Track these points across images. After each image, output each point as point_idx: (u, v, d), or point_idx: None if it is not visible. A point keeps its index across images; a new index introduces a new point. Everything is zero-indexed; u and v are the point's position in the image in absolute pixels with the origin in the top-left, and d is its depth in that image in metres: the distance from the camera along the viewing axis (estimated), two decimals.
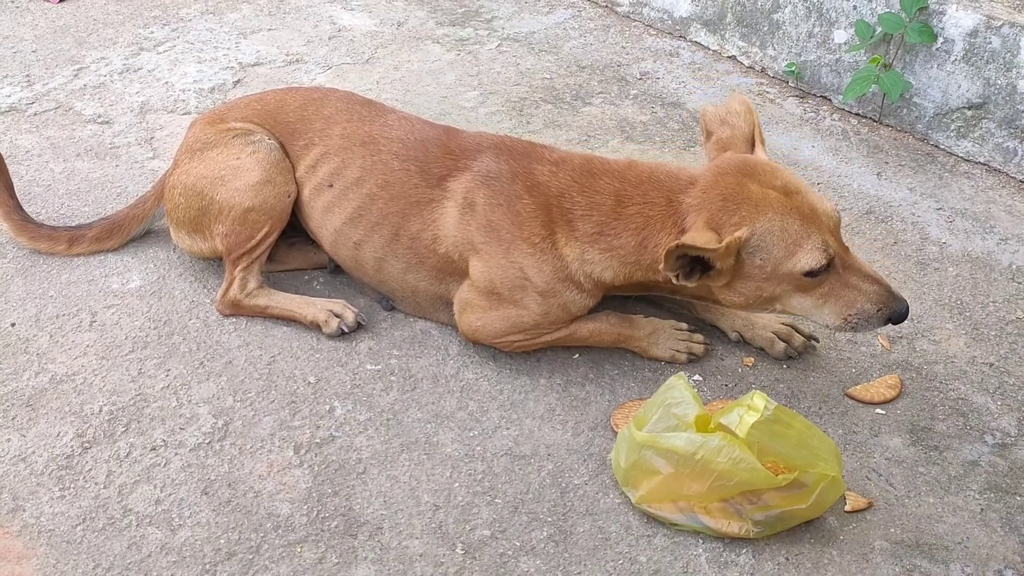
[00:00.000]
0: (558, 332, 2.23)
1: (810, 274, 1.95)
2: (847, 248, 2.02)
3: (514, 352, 2.27)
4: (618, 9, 4.07)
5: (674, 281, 1.95)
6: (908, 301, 2.02)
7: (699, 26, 3.78)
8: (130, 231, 2.55)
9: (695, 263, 1.93)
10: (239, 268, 2.34)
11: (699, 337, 2.30)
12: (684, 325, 2.31)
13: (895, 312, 1.99)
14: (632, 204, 2.06)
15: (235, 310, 2.37)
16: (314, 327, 2.33)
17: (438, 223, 2.22)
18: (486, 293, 2.18)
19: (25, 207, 2.71)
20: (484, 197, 2.17)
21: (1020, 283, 2.58)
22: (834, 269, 1.98)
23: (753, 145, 2.11)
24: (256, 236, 2.33)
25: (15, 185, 2.57)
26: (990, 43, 2.93)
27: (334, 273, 2.52)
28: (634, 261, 2.07)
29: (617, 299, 2.36)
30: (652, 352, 2.28)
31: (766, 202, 1.93)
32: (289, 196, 2.36)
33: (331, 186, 2.33)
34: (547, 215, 2.12)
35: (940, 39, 3.03)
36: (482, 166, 2.20)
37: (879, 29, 3.11)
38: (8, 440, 2.04)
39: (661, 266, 1.91)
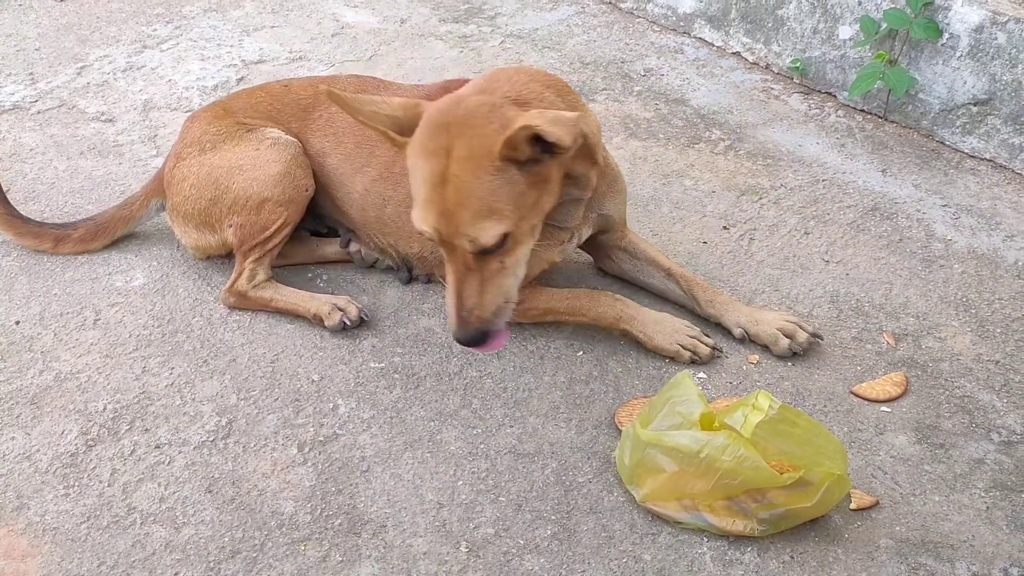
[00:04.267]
0: (563, 291, 2.26)
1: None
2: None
3: (524, 321, 2.30)
4: (622, 5, 4.06)
5: None
6: (460, 335, 1.91)
7: (703, 22, 3.77)
8: (115, 233, 2.54)
9: None
10: (250, 260, 2.34)
11: (709, 341, 2.27)
12: (696, 327, 2.29)
13: (453, 334, 1.93)
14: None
15: (240, 302, 2.36)
16: (316, 321, 2.33)
17: None
18: None
19: (29, 205, 2.72)
20: None
21: None
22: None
23: None
24: (271, 228, 2.33)
25: (18, 183, 2.58)
26: (996, 39, 2.91)
27: (346, 249, 2.51)
28: None
29: (623, 292, 2.35)
30: (655, 341, 2.26)
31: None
32: (307, 190, 2.36)
33: (358, 148, 2.36)
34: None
35: (946, 35, 3.01)
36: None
37: (884, 25, 3.09)
38: (12, 438, 2.04)
39: None
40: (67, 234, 2.51)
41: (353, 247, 2.50)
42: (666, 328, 2.26)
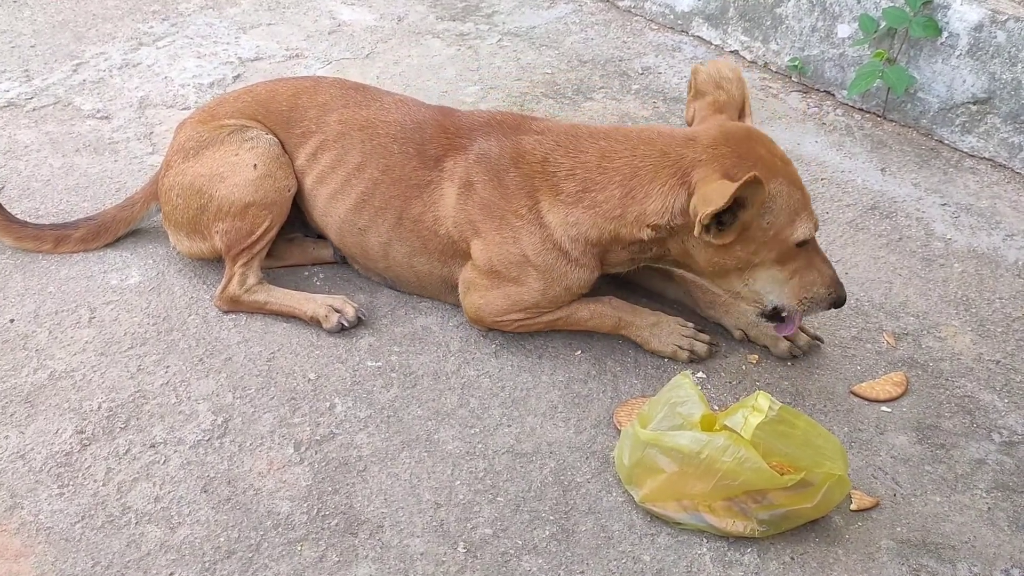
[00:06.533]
0: (559, 311, 2.23)
1: (802, 244, 2.00)
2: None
3: (517, 333, 2.27)
4: (619, 4, 4.05)
5: (704, 236, 1.94)
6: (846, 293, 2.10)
7: (701, 20, 3.76)
8: (116, 233, 2.53)
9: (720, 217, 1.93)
10: (239, 264, 2.33)
11: (704, 337, 2.27)
12: (690, 324, 2.28)
13: (839, 297, 2.07)
14: (618, 158, 2.08)
15: (234, 306, 2.35)
16: (314, 323, 2.32)
17: (438, 204, 2.22)
18: (487, 272, 2.19)
19: (24, 203, 2.70)
20: (478, 176, 2.19)
21: None
22: (810, 245, 2.03)
23: (742, 114, 2.15)
24: (256, 231, 2.31)
25: (13, 180, 2.56)
26: (995, 37, 2.90)
27: (342, 264, 2.50)
28: (619, 215, 2.06)
29: (621, 292, 2.34)
30: (652, 345, 2.25)
31: (775, 167, 1.97)
32: (289, 190, 2.34)
33: (334, 171, 2.32)
34: (531, 184, 2.14)
35: (945, 33, 3.00)
36: (476, 145, 2.22)
37: (883, 23, 3.08)
38: (6, 437, 2.02)
39: (710, 209, 1.87)
40: (67, 234, 2.49)
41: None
42: (662, 330, 2.25)
